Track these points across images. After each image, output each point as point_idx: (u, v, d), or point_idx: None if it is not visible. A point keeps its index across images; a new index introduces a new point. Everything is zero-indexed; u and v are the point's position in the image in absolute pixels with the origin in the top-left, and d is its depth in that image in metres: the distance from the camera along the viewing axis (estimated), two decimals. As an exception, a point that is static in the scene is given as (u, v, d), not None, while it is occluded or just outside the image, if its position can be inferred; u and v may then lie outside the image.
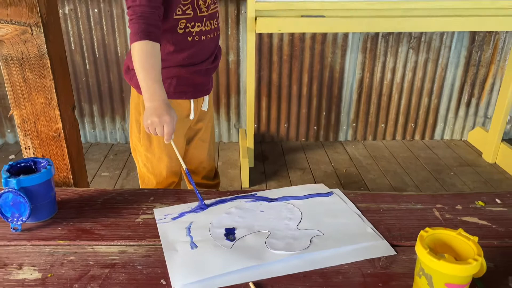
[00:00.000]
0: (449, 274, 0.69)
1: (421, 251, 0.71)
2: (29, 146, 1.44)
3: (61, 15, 2.72)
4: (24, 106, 1.37)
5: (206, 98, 1.42)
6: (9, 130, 3.04)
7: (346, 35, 2.85)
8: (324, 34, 2.83)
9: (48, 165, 0.97)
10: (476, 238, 0.74)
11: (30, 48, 1.31)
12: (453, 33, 2.88)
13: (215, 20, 1.33)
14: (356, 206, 1.06)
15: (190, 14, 1.23)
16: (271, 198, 1.09)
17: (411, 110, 3.11)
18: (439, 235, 0.76)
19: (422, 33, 2.87)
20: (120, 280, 0.80)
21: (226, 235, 0.93)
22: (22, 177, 0.91)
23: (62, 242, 0.91)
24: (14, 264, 0.84)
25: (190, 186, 1.59)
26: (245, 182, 2.53)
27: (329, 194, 1.11)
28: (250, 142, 2.72)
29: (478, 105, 3.13)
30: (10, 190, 0.89)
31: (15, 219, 0.92)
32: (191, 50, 1.28)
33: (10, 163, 0.98)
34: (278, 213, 1.02)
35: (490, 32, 2.89)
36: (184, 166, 1.15)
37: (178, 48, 1.26)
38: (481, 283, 0.79)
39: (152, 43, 1.13)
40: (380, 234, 0.94)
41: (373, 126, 3.15)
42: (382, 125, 3.15)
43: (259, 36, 2.79)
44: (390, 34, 2.86)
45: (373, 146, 3.10)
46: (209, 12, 1.28)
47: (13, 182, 0.90)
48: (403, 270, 0.84)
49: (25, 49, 1.31)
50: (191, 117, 1.38)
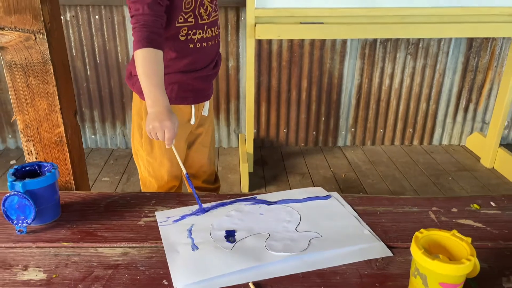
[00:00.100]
0: (443, 274, 0.71)
1: (416, 252, 0.74)
2: (31, 151, 1.46)
3: (62, 22, 2.74)
4: (27, 111, 1.39)
5: (207, 103, 1.45)
6: (10, 136, 3.07)
7: (344, 41, 2.88)
8: (322, 40, 2.86)
9: (52, 168, 1.00)
10: (469, 239, 0.77)
11: (34, 54, 1.33)
12: (450, 39, 2.91)
13: (216, 27, 1.36)
14: (353, 209, 1.08)
15: (192, 22, 1.26)
16: (270, 201, 1.11)
17: (410, 116, 3.14)
18: (434, 236, 0.79)
19: (419, 39, 2.90)
20: (123, 280, 0.82)
21: (226, 237, 0.95)
22: (27, 180, 0.93)
23: (66, 244, 0.93)
24: (20, 265, 0.86)
25: (190, 190, 1.62)
26: (244, 187, 2.55)
27: (327, 197, 1.13)
28: (249, 147, 2.75)
29: (476, 110, 3.16)
30: (16, 193, 0.91)
31: (20, 222, 0.94)
32: (193, 56, 1.31)
33: (16, 167, 1.00)
34: (277, 215, 1.05)
35: (487, 38, 2.92)
36: (184, 171, 1.17)
37: (180, 54, 1.29)
38: (475, 283, 0.82)
39: (154, 50, 1.15)
40: (377, 236, 0.97)
41: (371, 131, 3.17)
42: (381, 130, 3.17)
43: (259, 42, 2.82)
44: (388, 40, 2.89)
45: (372, 151, 3.12)
46: (210, 19, 1.31)
47: (18, 185, 0.92)
48: (399, 271, 0.86)
49: (28, 55, 1.33)
50: (192, 122, 1.41)
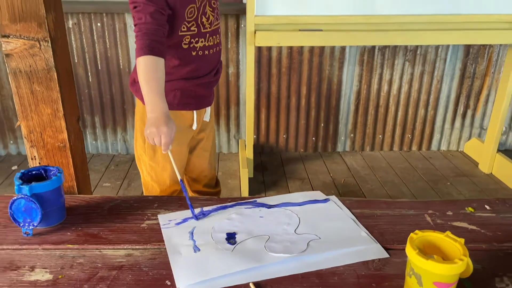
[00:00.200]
0: (437, 273, 0.73)
1: (411, 252, 0.76)
2: (35, 156, 1.48)
3: (65, 29, 2.78)
4: (31, 117, 1.41)
5: (208, 109, 1.49)
6: (11, 142, 3.09)
7: (343, 48, 2.91)
8: (322, 47, 2.89)
9: (58, 172, 1.02)
10: (462, 240, 0.79)
11: (38, 61, 1.35)
12: (448, 46, 2.95)
13: (217, 35, 1.39)
14: (351, 212, 1.10)
15: (194, 30, 1.30)
16: (270, 205, 1.14)
17: (408, 121, 3.17)
18: (428, 237, 0.81)
19: (417, 46, 2.93)
20: (127, 281, 0.84)
21: (227, 239, 0.98)
22: (34, 184, 0.96)
23: (71, 246, 0.95)
24: (27, 266, 0.88)
25: (192, 193, 1.64)
26: (244, 192, 2.57)
27: (325, 200, 1.16)
28: (249, 153, 2.77)
29: (473, 116, 3.19)
30: (23, 196, 0.94)
31: (27, 224, 0.96)
32: (195, 64, 1.34)
33: (22, 171, 1.03)
34: (276, 218, 1.07)
35: (484, 45, 2.95)
36: (179, 177, 1.19)
37: (183, 62, 1.32)
38: (469, 283, 0.84)
39: (156, 58, 1.18)
40: (374, 238, 0.99)
41: (370, 137, 3.20)
42: (380, 136, 3.20)
43: (258, 49, 2.85)
44: (386, 47, 2.92)
45: (371, 157, 3.15)
46: (212, 28, 1.35)
47: (25, 188, 0.94)
48: (396, 271, 0.88)
49: (33, 62, 1.36)
50: (194, 127, 1.44)
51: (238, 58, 2.90)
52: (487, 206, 1.13)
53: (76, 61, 2.87)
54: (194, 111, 1.42)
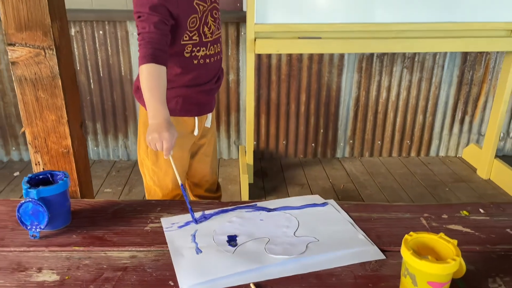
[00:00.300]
0: (430, 273, 0.76)
1: (405, 253, 0.79)
2: (39, 162, 1.51)
3: (67, 37, 2.82)
4: (35, 123, 1.44)
5: (209, 115, 1.52)
6: (14, 148, 3.12)
7: (342, 56, 2.95)
8: (321, 55, 2.93)
9: (64, 177, 1.05)
10: (455, 241, 0.82)
11: (43, 69, 1.38)
12: (445, 53, 2.98)
13: (219, 44, 1.43)
14: (349, 215, 1.13)
15: (196, 39, 1.34)
16: (270, 208, 1.17)
17: (407, 128, 3.20)
18: (422, 239, 0.84)
19: (415, 53, 2.97)
20: (131, 281, 0.87)
21: (228, 242, 1.01)
22: (41, 188, 0.99)
23: (77, 248, 0.98)
24: (34, 268, 0.91)
25: (193, 198, 1.67)
26: (244, 198, 2.60)
27: (324, 204, 1.19)
28: (249, 159, 2.80)
29: (471, 122, 3.22)
30: (30, 200, 0.97)
31: (34, 227, 0.99)
32: (196, 72, 1.38)
33: (30, 175, 1.06)
34: (276, 221, 1.10)
35: (481, 52, 2.99)
36: (179, 181, 1.21)
37: (185, 70, 1.36)
38: (462, 284, 0.87)
39: (158, 66, 1.22)
40: (370, 240, 1.02)
41: (369, 143, 3.23)
42: (379, 142, 3.23)
43: (258, 56, 2.89)
44: (384, 54, 2.96)
45: (370, 163, 3.18)
46: (213, 37, 1.39)
47: (33, 192, 0.97)
48: (392, 272, 0.91)
49: (38, 70, 1.39)
50: (195, 133, 1.47)
51: (238, 65, 2.94)
52: (482, 210, 1.16)
53: (78, 68, 2.90)
54: (196, 117, 1.45)
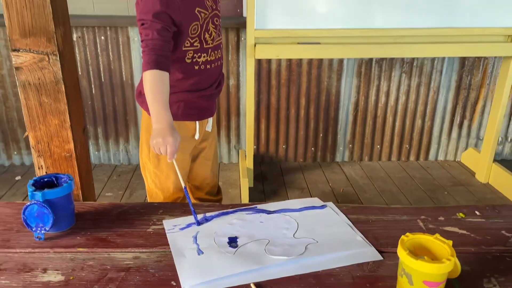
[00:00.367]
0: (426, 273, 0.79)
1: (402, 253, 0.81)
2: (42, 166, 1.53)
3: (69, 42, 2.85)
4: (39, 128, 1.46)
5: (210, 120, 1.55)
6: (15, 152, 3.14)
7: (341, 60, 2.98)
8: (320, 60, 2.95)
9: (69, 180, 1.08)
10: (450, 242, 0.84)
11: (47, 74, 1.40)
12: (443, 58, 3.01)
13: (219, 50, 1.46)
14: (347, 217, 1.15)
15: (197, 46, 1.37)
16: (270, 211, 1.19)
17: (406, 132, 3.22)
18: (418, 240, 0.86)
19: (414, 58, 2.99)
20: (135, 282, 0.89)
21: (229, 243, 1.03)
22: (46, 190, 1.01)
23: (81, 249, 1.00)
24: (39, 268, 0.93)
25: (194, 201, 1.70)
26: (245, 201, 2.61)
27: (323, 207, 1.21)
28: (249, 163, 2.82)
29: (470, 126, 3.24)
30: (36, 202, 0.99)
31: (39, 229, 1.02)
32: (198, 77, 1.41)
33: (35, 178, 1.09)
34: (276, 223, 1.12)
35: (479, 57, 3.02)
36: (183, 184, 1.24)
37: (186, 75, 1.39)
38: (458, 284, 0.89)
39: (161, 72, 1.25)
40: (368, 242, 1.04)
41: (369, 147, 3.25)
42: (378, 146, 3.25)
43: (258, 61, 2.92)
44: (383, 59, 2.99)
45: (369, 167, 3.20)
46: (214, 44, 1.42)
47: (38, 195, 1.00)
48: (389, 273, 0.93)
49: (42, 75, 1.41)
50: (196, 137, 1.50)
51: (239, 70, 2.96)
52: (477, 212, 1.18)
53: (80, 73, 2.93)
54: (197, 122, 1.48)
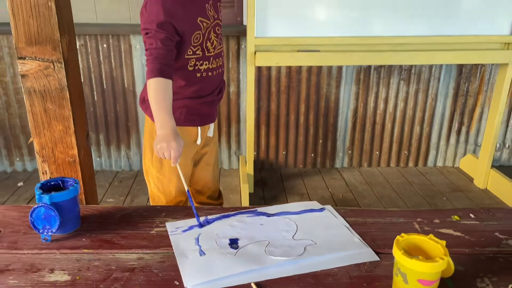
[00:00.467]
0: (420, 271, 0.82)
1: (397, 252, 0.84)
2: (46, 171, 1.56)
3: (72, 50, 2.89)
4: (43, 134, 1.49)
5: (212, 125, 1.59)
6: (18, 159, 3.17)
7: (340, 68, 3.01)
8: (319, 67, 2.99)
9: (74, 183, 1.11)
10: (444, 242, 0.87)
11: (52, 81, 1.43)
12: (441, 65, 3.05)
13: (221, 58, 1.50)
14: (345, 220, 1.18)
15: (199, 54, 1.41)
16: (270, 213, 1.22)
17: (404, 138, 3.25)
18: (413, 240, 0.90)
19: (412, 65, 3.03)
20: (139, 281, 0.92)
21: (230, 244, 1.06)
22: (53, 193, 1.05)
23: (87, 251, 1.03)
24: (46, 269, 0.96)
25: (196, 205, 1.73)
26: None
27: (321, 210, 1.24)
28: (250, 169, 2.85)
29: (468, 133, 3.27)
30: (43, 205, 1.02)
31: (46, 231, 1.05)
32: (199, 84, 1.45)
33: (42, 182, 1.12)
34: (276, 226, 1.15)
35: (476, 64, 3.05)
36: (186, 187, 1.28)
37: (188, 83, 1.43)
38: (451, 283, 0.92)
39: (164, 80, 1.29)
40: (365, 243, 1.07)
41: (368, 153, 3.28)
42: (377, 152, 3.28)
43: (258, 69, 2.96)
44: (381, 66, 3.02)
45: (368, 173, 3.22)
46: (215, 52, 1.46)
47: (46, 197, 1.03)
48: (385, 273, 0.96)
49: (47, 82, 1.44)
50: (198, 142, 1.54)
51: (239, 78, 3.00)
52: (472, 215, 1.21)
53: (82, 80, 2.96)
54: (199, 127, 1.52)
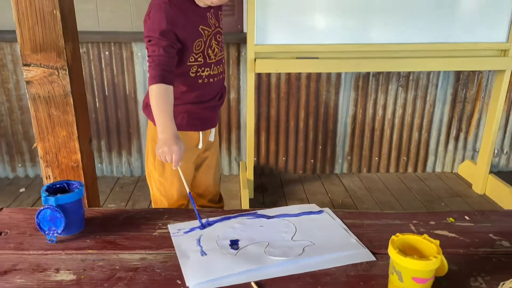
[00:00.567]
0: (414, 269, 0.84)
1: (392, 252, 0.87)
2: (49, 176, 1.59)
3: (75, 57, 2.92)
4: (47, 139, 1.52)
5: (213, 130, 1.63)
6: (20, 165, 3.20)
7: (339, 74, 3.05)
8: (318, 74, 3.02)
9: (79, 186, 1.14)
10: (437, 241, 0.90)
11: (56, 88, 1.47)
12: (439, 72, 3.08)
13: (221, 65, 1.54)
14: (343, 222, 1.21)
15: (201, 61, 1.45)
16: (269, 216, 1.25)
17: (403, 144, 3.28)
18: (407, 240, 0.92)
19: (410, 72, 3.06)
20: (142, 280, 0.95)
21: (231, 245, 1.09)
22: (59, 195, 1.08)
23: (91, 251, 1.06)
24: (52, 268, 0.99)
25: (198, 207, 1.76)
26: (245, 212, 2.66)
27: (320, 212, 1.27)
28: (250, 174, 2.88)
29: (466, 139, 3.30)
30: (49, 206, 1.05)
31: (51, 232, 1.08)
32: (201, 90, 1.49)
33: (48, 184, 1.15)
34: (275, 227, 1.18)
35: (473, 71, 3.08)
36: (187, 190, 1.31)
37: (190, 88, 1.47)
38: (445, 282, 0.94)
39: (166, 86, 1.33)
40: (362, 244, 1.10)
41: (367, 159, 3.31)
42: (376, 158, 3.31)
43: (258, 75, 2.99)
44: (380, 73, 3.05)
45: (367, 178, 3.25)
46: (216, 59, 1.50)
47: (52, 199, 1.06)
48: (381, 272, 0.99)
49: (51, 89, 1.47)
50: (200, 146, 1.57)
51: (239, 84, 3.04)
52: (467, 217, 1.24)
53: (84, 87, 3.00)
54: (200, 132, 1.56)
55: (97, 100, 3.04)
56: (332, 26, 2.64)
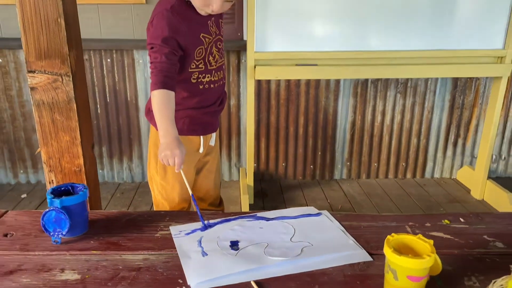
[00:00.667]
0: (409, 268, 0.87)
1: (387, 251, 0.90)
2: (52, 180, 1.61)
3: (77, 64, 2.96)
4: (51, 144, 1.55)
5: (214, 135, 1.66)
6: (22, 171, 3.22)
7: (338, 81, 3.08)
8: (317, 80, 3.06)
9: (84, 188, 1.17)
10: (431, 241, 0.93)
11: (60, 94, 1.50)
12: (437, 79, 3.11)
13: (222, 71, 1.58)
14: (341, 224, 1.24)
15: (202, 67, 1.48)
16: (269, 218, 1.28)
17: (402, 150, 3.30)
18: (402, 239, 0.95)
19: (408, 79, 3.10)
20: (145, 280, 0.98)
21: (231, 246, 1.11)
22: (64, 198, 1.11)
23: (95, 252, 1.09)
24: (57, 268, 1.02)
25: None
26: (245, 217, 2.68)
27: (318, 214, 1.30)
28: (250, 180, 2.90)
29: (464, 145, 3.32)
30: (54, 208, 1.08)
31: (56, 233, 1.10)
32: (202, 96, 1.52)
33: (53, 187, 1.18)
34: (274, 229, 1.21)
35: (471, 78, 3.12)
36: (190, 192, 1.35)
37: (191, 94, 1.51)
38: (440, 281, 0.97)
39: (167, 92, 1.36)
40: (359, 245, 1.13)
41: (366, 165, 3.34)
42: (375, 164, 3.33)
43: (258, 82, 3.02)
44: (378, 80, 3.09)
45: (367, 184, 3.27)
46: (217, 65, 1.54)
47: (57, 201, 1.09)
48: (378, 272, 1.01)
49: (55, 95, 1.50)
50: (201, 151, 1.61)
51: (239, 91, 3.07)
52: (462, 219, 1.27)
53: (86, 94, 3.03)
54: (201, 136, 1.59)
55: (98, 106, 3.07)
56: (331, 34, 2.68)
